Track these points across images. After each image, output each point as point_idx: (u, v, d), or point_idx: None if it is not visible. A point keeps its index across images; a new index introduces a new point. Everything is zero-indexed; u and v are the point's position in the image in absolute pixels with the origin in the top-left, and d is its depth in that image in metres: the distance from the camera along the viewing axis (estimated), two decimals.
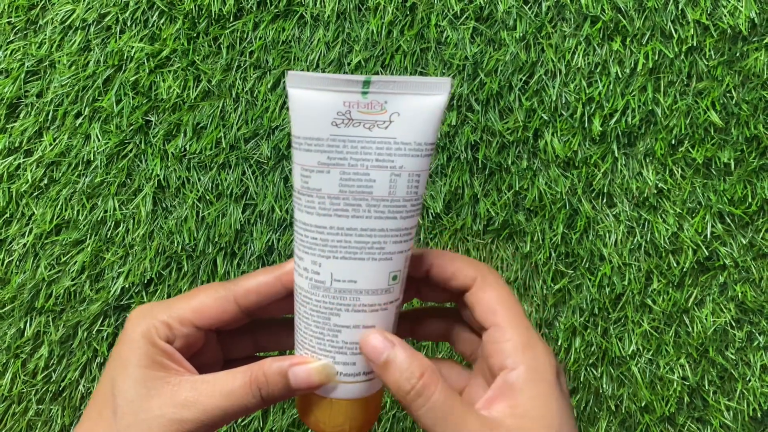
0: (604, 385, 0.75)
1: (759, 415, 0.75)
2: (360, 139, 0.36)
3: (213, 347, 0.42)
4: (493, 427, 0.34)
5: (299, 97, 0.36)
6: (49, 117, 0.77)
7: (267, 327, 0.45)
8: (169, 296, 0.76)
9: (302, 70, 0.75)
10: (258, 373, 0.37)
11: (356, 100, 0.35)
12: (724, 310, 0.75)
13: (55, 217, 0.77)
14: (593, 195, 0.75)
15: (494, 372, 0.37)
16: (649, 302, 0.75)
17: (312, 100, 0.36)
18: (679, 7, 0.72)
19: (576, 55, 0.73)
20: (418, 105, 0.36)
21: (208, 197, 0.76)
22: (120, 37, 0.76)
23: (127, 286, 0.76)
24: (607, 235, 0.75)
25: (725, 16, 0.72)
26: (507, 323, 0.36)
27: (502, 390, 0.35)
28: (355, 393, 0.39)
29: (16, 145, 0.77)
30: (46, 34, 0.76)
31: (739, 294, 0.74)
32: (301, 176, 0.37)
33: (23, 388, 0.78)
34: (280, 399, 0.38)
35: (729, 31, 0.73)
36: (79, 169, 0.76)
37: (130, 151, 0.76)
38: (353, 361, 0.39)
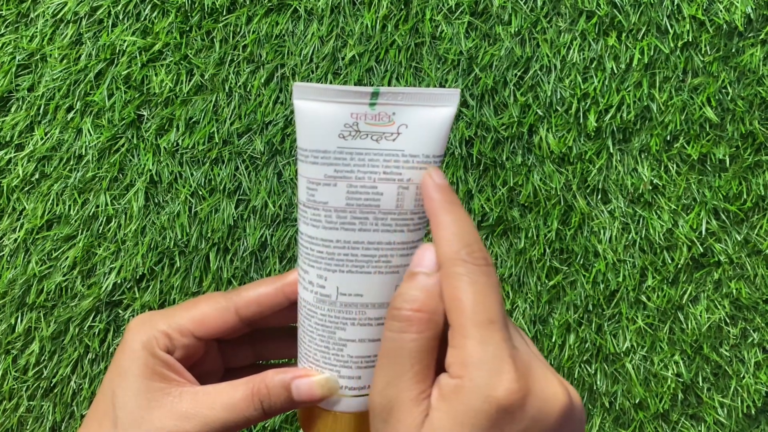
0: (598, 382, 0.75)
1: (753, 412, 0.75)
2: (367, 152, 0.35)
3: (214, 356, 0.42)
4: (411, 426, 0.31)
5: (306, 109, 0.35)
6: (41, 111, 0.76)
7: (268, 336, 0.44)
8: (161, 292, 0.76)
9: (296, 64, 0.74)
10: (260, 385, 0.36)
11: (364, 111, 0.35)
12: (719, 306, 0.75)
13: (47, 212, 0.76)
14: (588, 191, 0.75)
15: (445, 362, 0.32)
16: (644, 299, 0.75)
17: (319, 112, 0.35)
18: (675, 3, 0.72)
19: (571, 51, 0.73)
20: (426, 117, 0.36)
21: (200, 192, 0.75)
22: (112, 31, 0.75)
23: (119, 281, 0.76)
24: (602, 232, 0.74)
25: (721, 11, 0.72)
26: (459, 325, 0.31)
27: (435, 392, 0.31)
28: (359, 406, 0.38)
29: (7, 139, 0.76)
30: (37, 28, 0.76)
31: (734, 291, 0.74)
32: (307, 189, 0.36)
33: (14, 385, 0.77)
34: (282, 411, 0.37)
35: (725, 26, 0.72)
36: (71, 163, 0.76)
37: (122, 145, 0.76)
38: (358, 375, 0.38)
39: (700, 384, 0.75)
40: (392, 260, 0.37)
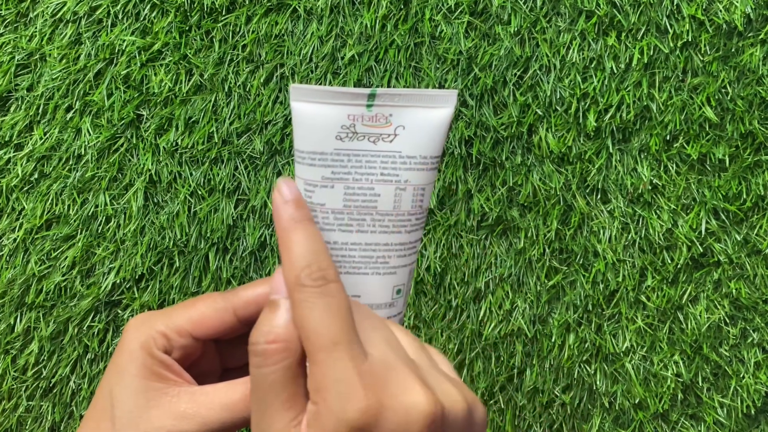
0: (598, 382, 0.75)
1: (753, 412, 0.75)
2: (365, 153, 0.35)
3: (211, 356, 0.42)
4: None
5: (303, 111, 0.35)
6: (40, 111, 0.76)
7: None
8: (160, 292, 0.76)
9: (295, 64, 0.74)
10: None
11: (361, 113, 0.35)
12: (718, 306, 0.75)
13: (46, 212, 0.76)
14: (588, 191, 0.74)
15: None
16: (643, 299, 0.75)
17: (316, 114, 0.35)
18: (675, 2, 0.72)
19: (571, 50, 0.73)
20: (423, 118, 0.36)
21: (200, 192, 0.75)
22: (111, 31, 0.75)
23: (118, 281, 0.76)
24: (602, 231, 0.74)
25: (721, 11, 0.72)
26: (308, 352, 0.31)
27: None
28: None
29: (6, 139, 0.76)
30: (36, 27, 0.76)
31: (734, 291, 0.74)
32: (305, 191, 0.36)
33: (13, 385, 0.77)
34: None
35: (724, 26, 0.72)
36: (70, 163, 0.76)
37: (122, 145, 0.76)
38: None
39: (700, 384, 0.75)
40: (390, 261, 0.37)
